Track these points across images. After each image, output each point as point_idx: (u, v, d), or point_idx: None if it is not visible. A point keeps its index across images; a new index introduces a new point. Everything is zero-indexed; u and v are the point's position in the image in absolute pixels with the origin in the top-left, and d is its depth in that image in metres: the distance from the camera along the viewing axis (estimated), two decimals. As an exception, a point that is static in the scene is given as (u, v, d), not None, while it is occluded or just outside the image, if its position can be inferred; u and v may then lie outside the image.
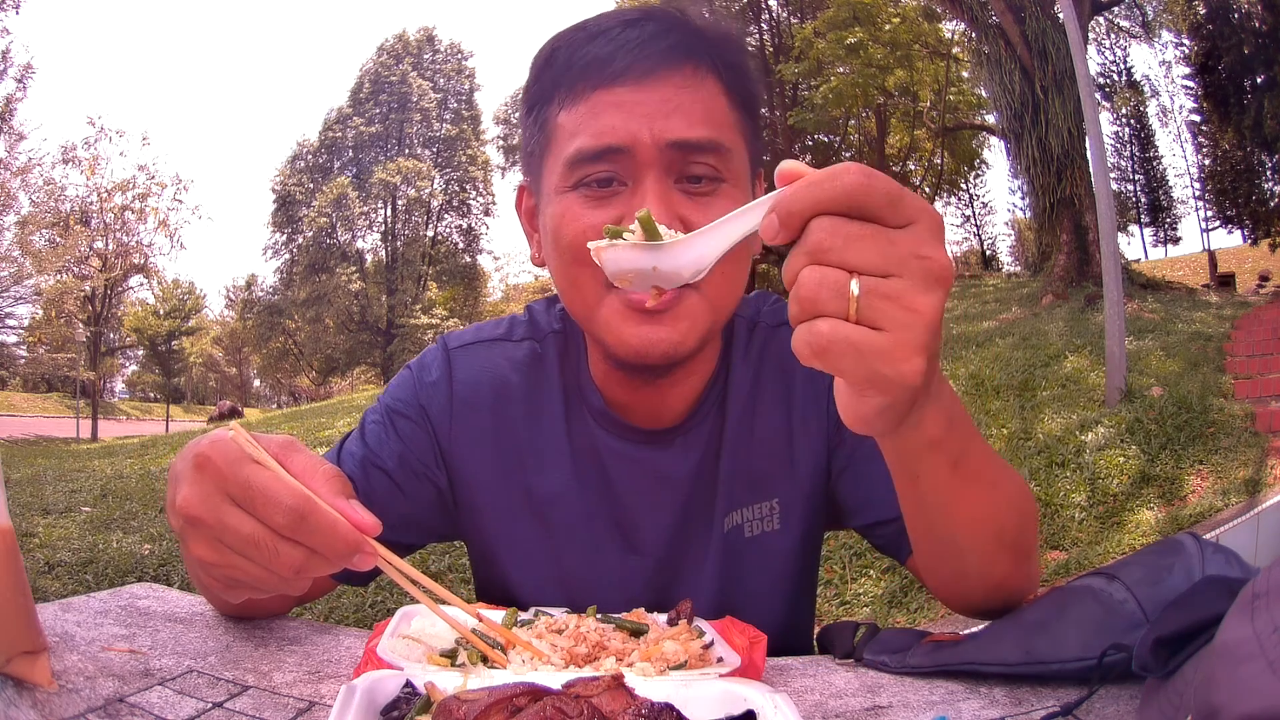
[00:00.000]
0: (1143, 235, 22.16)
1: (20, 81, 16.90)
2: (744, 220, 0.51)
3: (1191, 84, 16.64)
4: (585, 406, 0.84)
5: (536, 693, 0.45)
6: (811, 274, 0.45)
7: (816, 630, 0.89)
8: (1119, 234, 7.75)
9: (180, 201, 21.35)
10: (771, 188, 0.48)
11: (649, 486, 0.84)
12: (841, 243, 0.44)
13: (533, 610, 0.73)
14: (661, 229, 0.57)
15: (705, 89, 0.73)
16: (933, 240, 0.46)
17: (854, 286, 0.44)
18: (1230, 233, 18.29)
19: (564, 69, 0.74)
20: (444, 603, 0.60)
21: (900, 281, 0.45)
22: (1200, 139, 17.85)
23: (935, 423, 0.55)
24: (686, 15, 0.77)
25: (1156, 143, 20.89)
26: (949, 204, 25.99)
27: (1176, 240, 21.90)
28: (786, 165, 0.47)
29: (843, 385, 0.51)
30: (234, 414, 20.86)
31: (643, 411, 0.83)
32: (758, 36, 20.62)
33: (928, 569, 0.75)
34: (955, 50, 16.77)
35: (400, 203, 31.70)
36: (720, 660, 0.61)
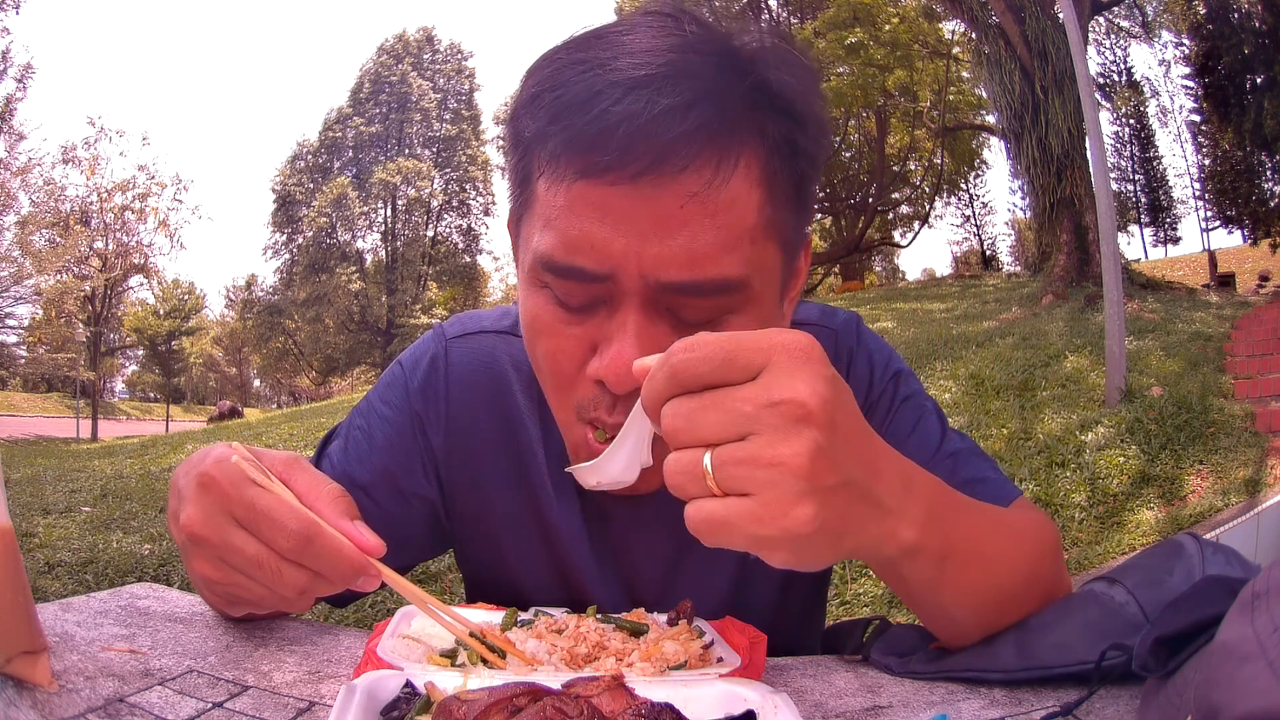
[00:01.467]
0: (1143, 235, 22.19)
1: (20, 81, 16.94)
2: (640, 421, 0.53)
3: (1191, 84, 16.66)
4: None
5: (536, 693, 0.45)
6: (670, 461, 0.45)
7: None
8: (1119, 234, 7.75)
9: (180, 201, 21.40)
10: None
11: (648, 497, 0.78)
12: (686, 422, 0.44)
13: (533, 610, 0.73)
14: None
15: (730, 190, 0.55)
16: (788, 379, 0.43)
17: (706, 462, 0.43)
18: (1230, 233, 18.32)
19: (547, 125, 0.56)
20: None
21: (754, 440, 0.43)
22: (1200, 139, 17.87)
23: (905, 532, 0.50)
24: (728, 49, 0.57)
25: (1156, 143, 20.93)
26: (949, 204, 26.02)
27: (1176, 240, 21.94)
28: (638, 365, 0.48)
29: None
30: (234, 414, 20.85)
31: None
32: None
33: (926, 624, 0.69)
34: (955, 50, 16.78)
35: (400, 203, 31.71)
36: (720, 660, 0.61)
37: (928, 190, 22.09)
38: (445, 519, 0.82)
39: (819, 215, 24.71)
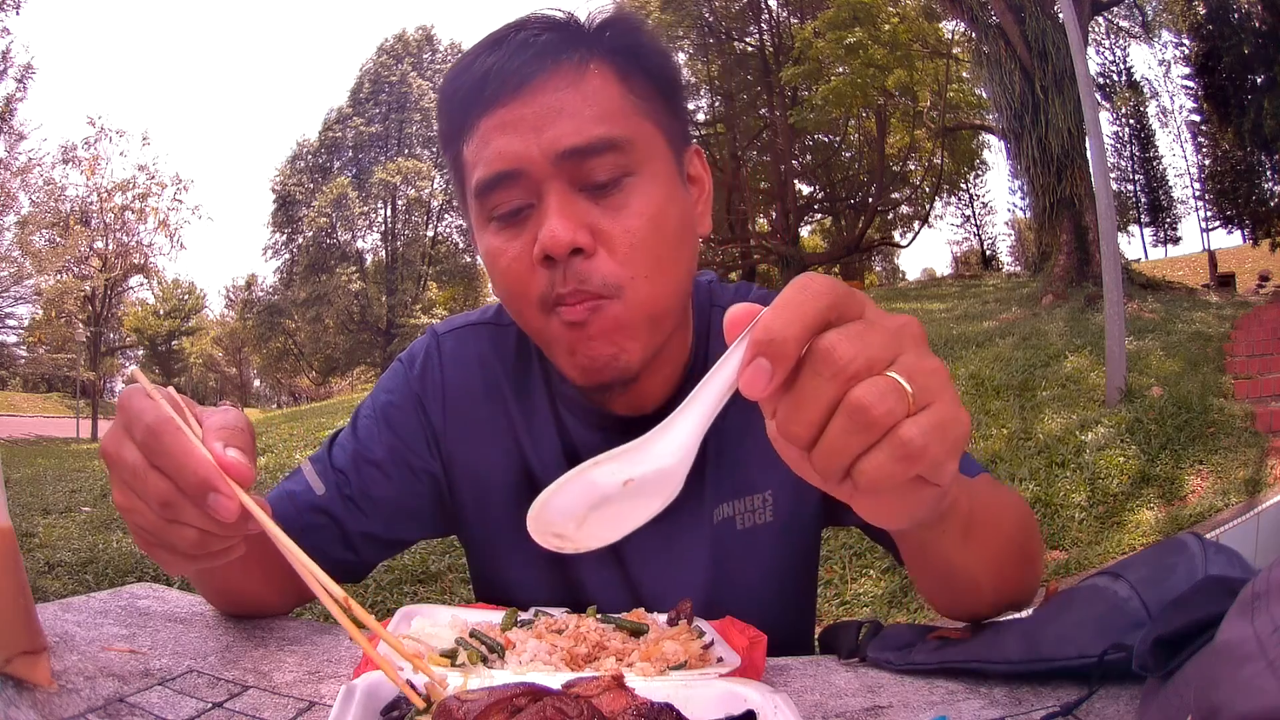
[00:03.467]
0: (1143, 235, 22.17)
1: (20, 81, 16.90)
2: (715, 384, 0.43)
3: (1191, 84, 16.65)
4: (564, 398, 0.83)
5: (536, 693, 0.45)
6: (868, 391, 0.39)
7: (818, 631, 0.89)
8: (1119, 234, 7.76)
9: (180, 201, 21.34)
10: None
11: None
12: (859, 348, 0.39)
13: (533, 610, 0.73)
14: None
15: (590, 82, 0.69)
16: (889, 314, 0.43)
17: (900, 380, 0.40)
18: (1230, 233, 18.32)
19: (452, 105, 0.73)
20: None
21: (908, 355, 0.41)
22: (1200, 139, 17.86)
23: (951, 489, 0.51)
24: (567, 13, 0.74)
25: (1156, 143, 20.89)
26: (949, 204, 26.00)
27: (1176, 240, 21.91)
28: (735, 310, 0.41)
29: (885, 493, 0.43)
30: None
31: (620, 400, 0.80)
32: (758, 37, 20.62)
33: (931, 596, 0.73)
34: (955, 50, 16.78)
35: (400, 203, 31.72)
36: (720, 660, 0.61)
37: (928, 190, 22.09)
38: (449, 496, 0.86)
39: (819, 215, 24.74)
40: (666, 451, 0.44)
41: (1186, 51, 15.70)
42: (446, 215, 32.60)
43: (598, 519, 0.46)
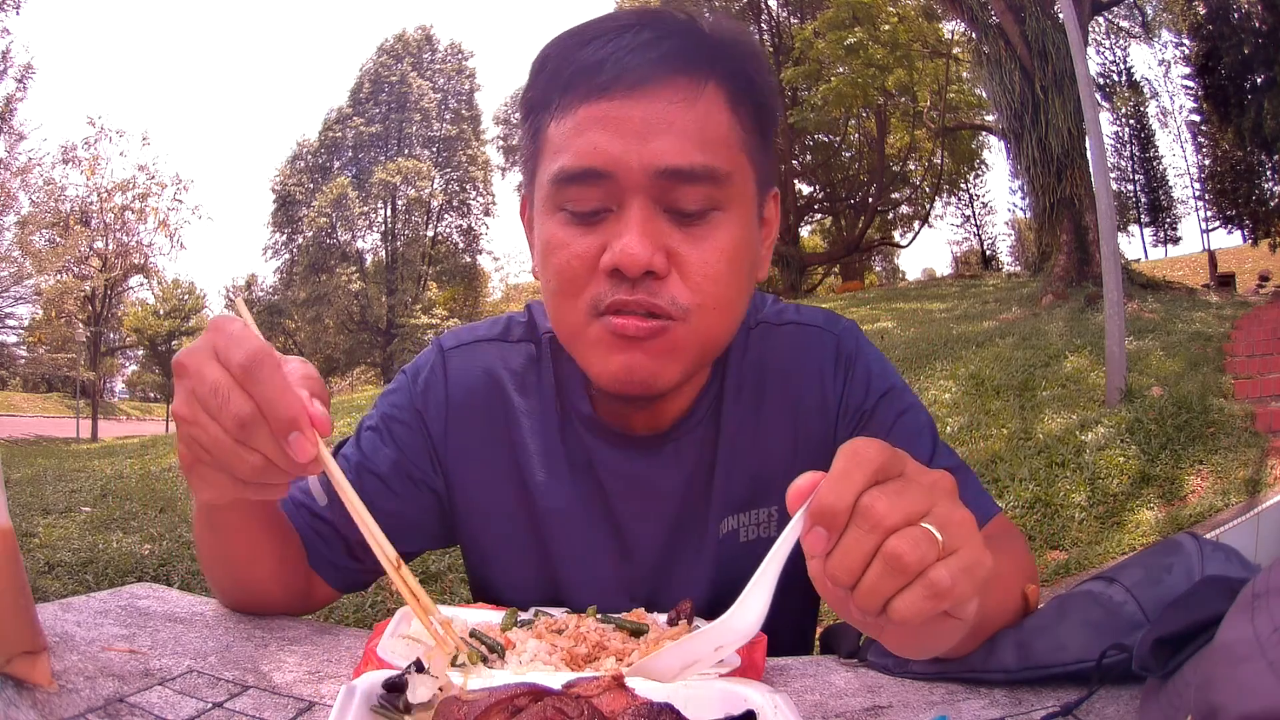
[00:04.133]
0: (1143, 235, 22.18)
1: (20, 81, 16.89)
2: (780, 553, 0.50)
3: (1191, 84, 16.65)
4: (576, 412, 0.83)
5: (536, 693, 0.45)
6: (902, 540, 0.44)
7: (819, 631, 0.89)
8: (1119, 234, 7.75)
9: (180, 201, 21.31)
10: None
11: (641, 493, 0.82)
12: (896, 503, 0.45)
13: (533, 610, 0.73)
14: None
15: (704, 103, 0.67)
16: (926, 471, 0.49)
17: (932, 530, 0.46)
18: (1230, 233, 18.32)
19: (554, 76, 0.69)
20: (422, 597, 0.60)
21: (940, 507, 0.47)
22: (1200, 139, 17.87)
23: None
24: (690, 19, 0.71)
25: (1156, 143, 20.91)
26: (949, 204, 26.00)
27: (1176, 240, 21.92)
28: (800, 481, 0.48)
29: (912, 629, 0.48)
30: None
31: (635, 418, 0.81)
32: (757, 37, 20.61)
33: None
34: (955, 50, 16.78)
35: (400, 203, 31.71)
36: (720, 660, 0.61)
37: (928, 190, 22.10)
38: (450, 510, 0.86)
39: (819, 215, 24.74)
40: (746, 623, 0.51)
41: (1186, 51, 15.71)
42: (446, 215, 32.62)
43: (687, 674, 0.53)
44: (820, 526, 0.46)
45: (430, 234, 32.21)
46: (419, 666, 0.49)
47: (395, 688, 0.48)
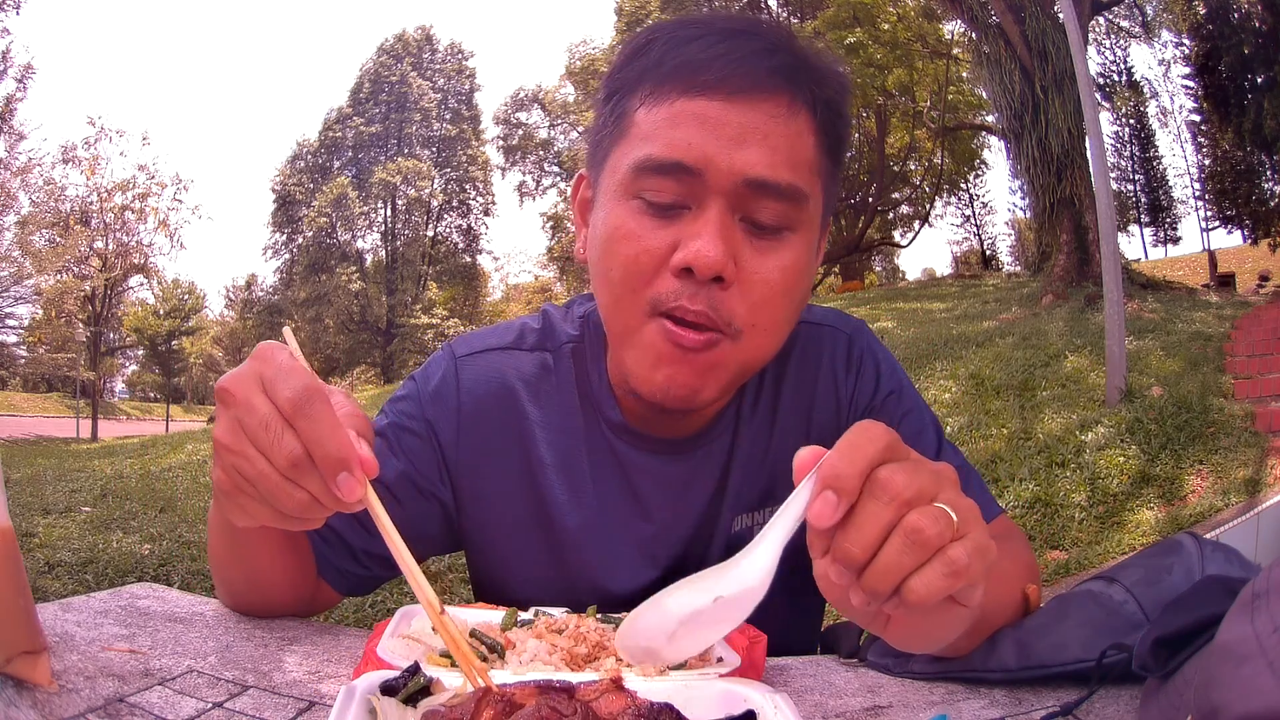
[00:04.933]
0: (1143, 235, 22.18)
1: (20, 81, 16.88)
2: (788, 516, 0.49)
3: (1191, 84, 16.64)
4: (602, 418, 0.82)
5: (569, 689, 0.45)
6: (923, 515, 0.44)
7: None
8: (1119, 234, 7.75)
9: (180, 201, 21.29)
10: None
11: (671, 497, 0.82)
12: (913, 479, 0.46)
13: (533, 610, 0.73)
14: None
15: (798, 124, 0.68)
16: (929, 462, 0.49)
17: (946, 509, 0.46)
18: (1230, 233, 18.31)
19: (655, 63, 0.69)
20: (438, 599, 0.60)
21: (948, 491, 0.47)
22: (1200, 139, 17.86)
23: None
24: (793, 39, 0.72)
25: (1156, 143, 20.90)
26: (949, 204, 25.98)
27: (1176, 240, 21.91)
28: (805, 451, 0.48)
29: (920, 617, 0.49)
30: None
31: (663, 422, 0.80)
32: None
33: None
34: (955, 50, 16.78)
35: (400, 203, 31.72)
36: (720, 660, 0.61)
37: (928, 190, 22.08)
38: (456, 521, 0.85)
39: (819, 215, 24.71)
40: (750, 574, 0.50)
41: (1186, 51, 15.70)
42: (446, 215, 32.63)
43: (686, 633, 0.52)
44: (830, 491, 0.45)
45: (430, 234, 32.22)
46: (416, 669, 0.50)
47: (391, 690, 0.48)
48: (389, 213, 31.83)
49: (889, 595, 0.45)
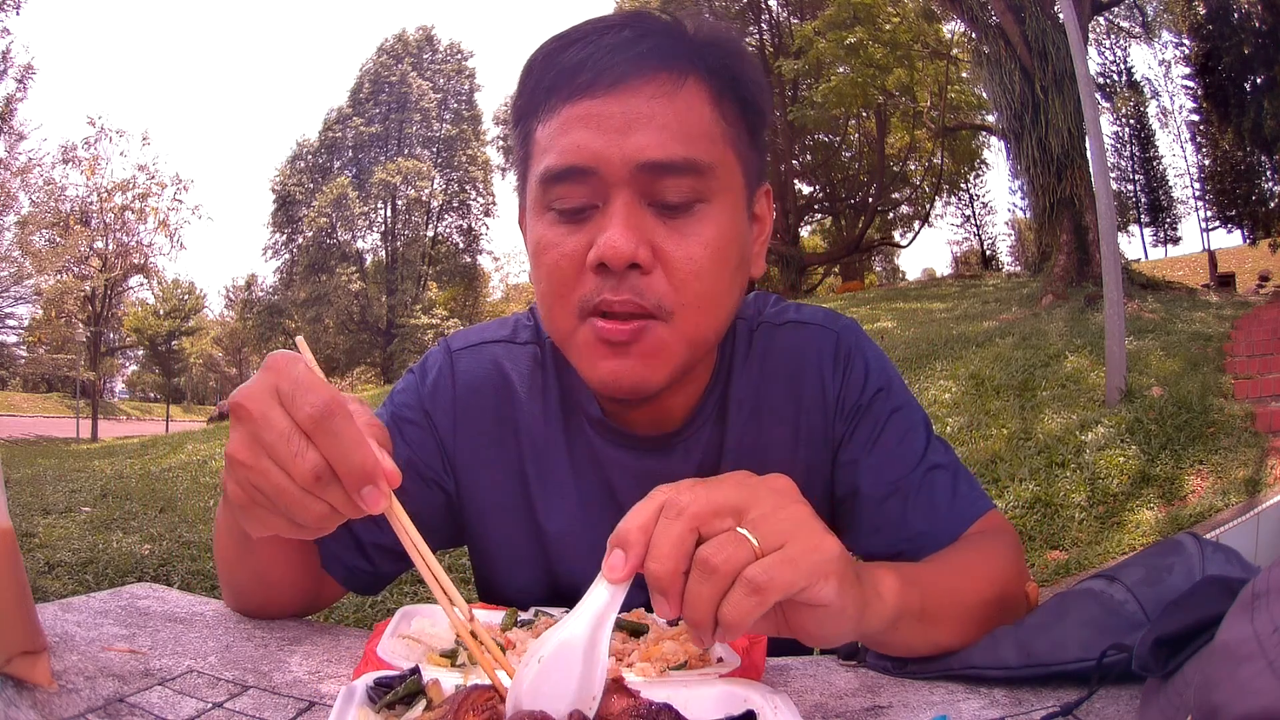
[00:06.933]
0: (1143, 235, 22.17)
1: (20, 81, 16.90)
2: (594, 599, 0.48)
3: (1191, 84, 16.65)
4: (583, 414, 0.83)
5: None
6: (707, 548, 0.47)
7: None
8: (1119, 234, 7.75)
9: (180, 201, 21.31)
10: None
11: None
12: (696, 494, 0.48)
13: (533, 610, 0.73)
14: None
15: (684, 98, 0.68)
16: (759, 477, 0.52)
17: (743, 530, 0.48)
18: (1230, 233, 18.32)
19: (539, 81, 0.71)
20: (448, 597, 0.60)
21: (762, 506, 0.49)
22: (1200, 139, 17.85)
23: (889, 591, 0.57)
24: (673, 19, 0.72)
25: (1156, 143, 20.90)
26: (949, 204, 25.97)
27: (1176, 240, 21.91)
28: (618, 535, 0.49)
29: (802, 617, 0.51)
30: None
31: (641, 419, 0.81)
32: (758, 36, 20.63)
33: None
34: (955, 50, 16.78)
35: (400, 203, 31.72)
36: (720, 660, 0.61)
37: (928, 190, 22.08)
38: (459, 510, 0.86)
39: (819, 215, 24.72)
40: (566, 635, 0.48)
41: (1186, 51, 15.70)
42: (446, 215, 32.64)
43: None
44: (618, 549, 0.48)
45: (430, 234, 32.23)
46: (415, 671, 0.50)
47: (386, 685, 0.49)
48: (389, 213, 31.83)
49: (711, 625, 0.47)
